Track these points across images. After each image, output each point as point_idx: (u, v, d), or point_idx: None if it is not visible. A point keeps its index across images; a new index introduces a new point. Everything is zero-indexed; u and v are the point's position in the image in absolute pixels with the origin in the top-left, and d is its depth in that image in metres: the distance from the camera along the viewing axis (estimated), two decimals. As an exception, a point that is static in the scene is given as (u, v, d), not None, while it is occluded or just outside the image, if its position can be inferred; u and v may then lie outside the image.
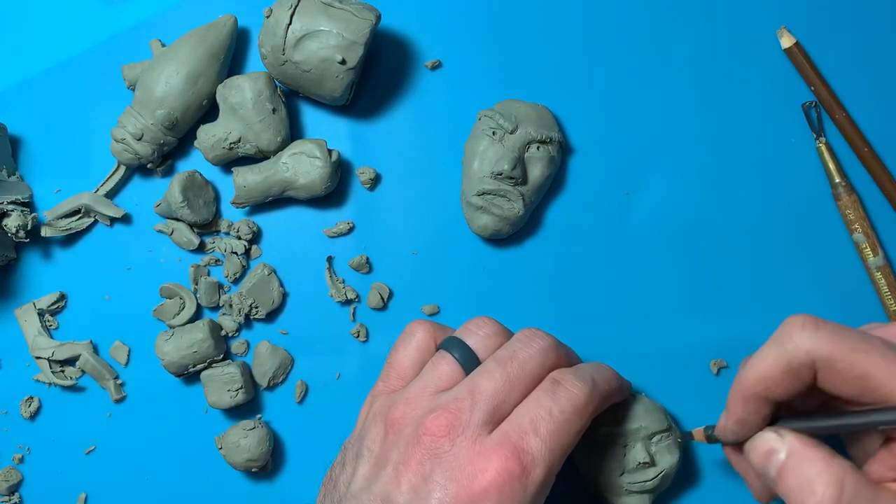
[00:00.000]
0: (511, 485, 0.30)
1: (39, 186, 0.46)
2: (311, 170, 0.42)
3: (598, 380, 0.34)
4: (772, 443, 0.30)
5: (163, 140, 0.43)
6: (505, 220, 0.42)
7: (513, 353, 0.34)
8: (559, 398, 0.32)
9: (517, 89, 0.45)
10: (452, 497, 0.30)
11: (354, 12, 0.40)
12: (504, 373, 0.33)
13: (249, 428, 0.42)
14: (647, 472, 0.38)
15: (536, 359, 0.34)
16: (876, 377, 0.28)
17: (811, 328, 0.29)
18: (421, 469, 0.31)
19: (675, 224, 0.44)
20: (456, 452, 0.31)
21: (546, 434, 0.31)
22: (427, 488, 0.31)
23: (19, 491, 0.45)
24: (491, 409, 0.32)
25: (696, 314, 0.43)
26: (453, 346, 0.35)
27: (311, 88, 0.42)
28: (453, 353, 0.35)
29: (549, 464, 0.31)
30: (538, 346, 0.34)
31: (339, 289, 0.44)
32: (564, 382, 0.33)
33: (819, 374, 0.29)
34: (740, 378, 0.31)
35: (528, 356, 0.34)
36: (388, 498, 0.31)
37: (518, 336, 0.35)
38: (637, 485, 0.38)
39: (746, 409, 0.31)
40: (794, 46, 0.43)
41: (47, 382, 0.45)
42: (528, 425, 0.31)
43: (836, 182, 0.43)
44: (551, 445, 0.31)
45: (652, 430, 0.38)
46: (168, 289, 0.44)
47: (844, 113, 0.43)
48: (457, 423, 0.32)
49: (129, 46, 0.46)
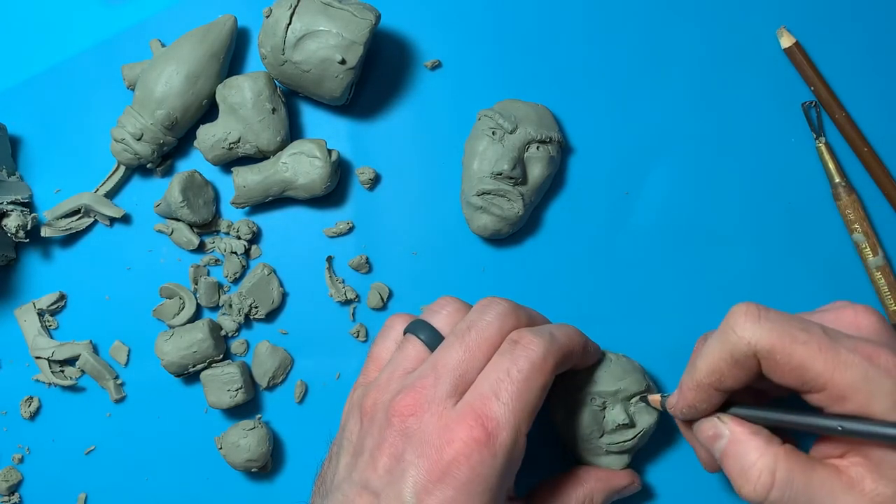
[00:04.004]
0: (479, 451, 0.30)
1: (39, 186, 0.46)
2: (311, 170, 0.42)
3: (556, 334, 0.34)
4: (716, 428, 0.32)
5: (163, 140, 0.43)
6: (505, 220, 0.42)
7: (470, 323, 0.34)
8: (517, 357, 0.33)
9: (517, 89, 0.45)
10: (425, 472, 0.30)
11: (354, 12, 0.40)
12: (462, 343, 0.33)
13: (249, 428, 0.42)
14: (627, 433, 0.38)
15: (493, 325, 0.34)
16: (812, 368, 0.28)
17: (753, 319, 0.29)
18: (393, 450, 0.32)
19: (675, 224, 0.44)
20: (424, 428, 0.31)
21: (507, 397, 0.32)
22: (401, 468, 0.31)
23: (19, 491, 0.45)
24: (454, 381, 0.32)
25: (696, 314, 0.43)
26: (418, 328, 0.36)
27: (310, 88, 0.42)
28: (418, 334, 0.35)
29: (514, 426, 0.31)
30: (494, 312, 0.35)
31: (339, 289, 0.44)
32: (521, 341, 0.33)
33: (762, 364, 0.30)
34: (692, 367, 0.32)
35: (486, 323, 0.34)
36: (367, 483, 0.32)
37: (475, 306, 0.36)
38: (616, 445, 0.38)
39: (697, 397, 0.32)
40: (794, 46, 0.43)
41: (47, 382, 0.45)
42: (488, 391, 0.32)
43: (835, 182, 0.43)
44: (514, 407, 0.31)
45: (631, 391, 0.38)
46: (168, 289, 0.44)
47: (844, 113, 0.43)
48: (422, 400, 0.32)
49: (129, 46, 0.46)
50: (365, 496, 0.31)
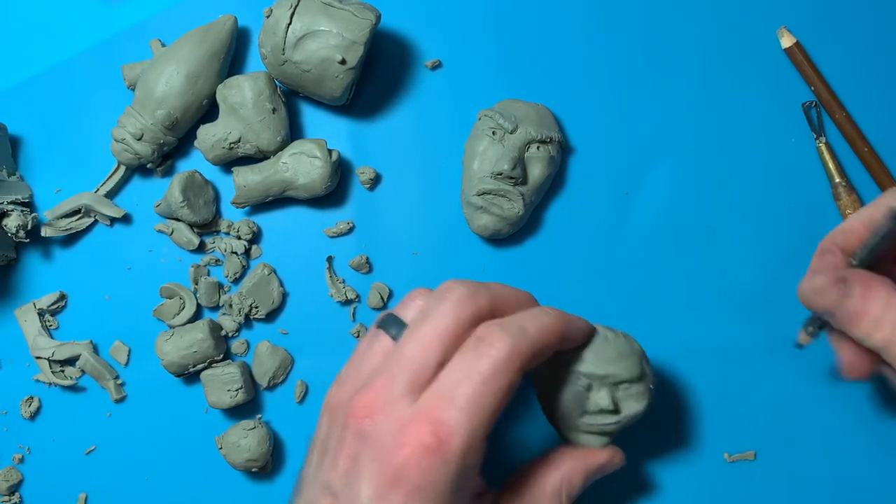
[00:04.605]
0: (428, 459, 0.29)
1: (39, 186, 0.46)
2: (311, 170, 0.42)
3: (528, 328, 0.32)
4: None
5: (163, 140, 0.43)
6: (505, 220, 0.42)
7: (424, 314, 0.33)
8: (479, 357, 0.31)
9: (517, 89, 0.45)
10: (377, 476, 0.30)
11: (354, 12, 0.40)
12: (416, 338, 0.32)
13: (249, 428, 0.42)
14: (608, 418, 0.36)
15: (449, 314, 0.32)
16: None
17: None
18: (351, 452, 0.31)
19: (675, 224, 0.44)
20: (379, 431, 0.30)
21: (464, 402, 0.30)
22: (356, 470, 0.31)
23: (19, 491, 0.45)
24: (410, 378, 0.31)
25: (696, 314, 0.43)
26: (386, 322, 0.34)
27: (311, 88, 0.42)
28: (387, 329, 0.34)
29: (469, 432, 0.30)
30: (450, 300, 0.32)
31: (339, 289, 0.44)
32: (487, 337, 0.31)
33: None
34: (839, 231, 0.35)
35: (440, 313, 0.32)
36: (328, 485, 0.31)
37: (433, 293, 0.34)
38: (597, 426, 0.36)
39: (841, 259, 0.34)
40: (794, 46, 0.43)
41: (47, 382, 0.45)
42: (445, 394, 0.30)
43: (836, 182, 0.43)
44: (470, 412, 0.30)
45: (621, 377, 0.35)
46: (168, 289, 0.44)
47: (844, 113, 0.43)
48: (377, 400, 0.31)
49: (129, 46, 0.46)
50: (327, 497, 0.31)
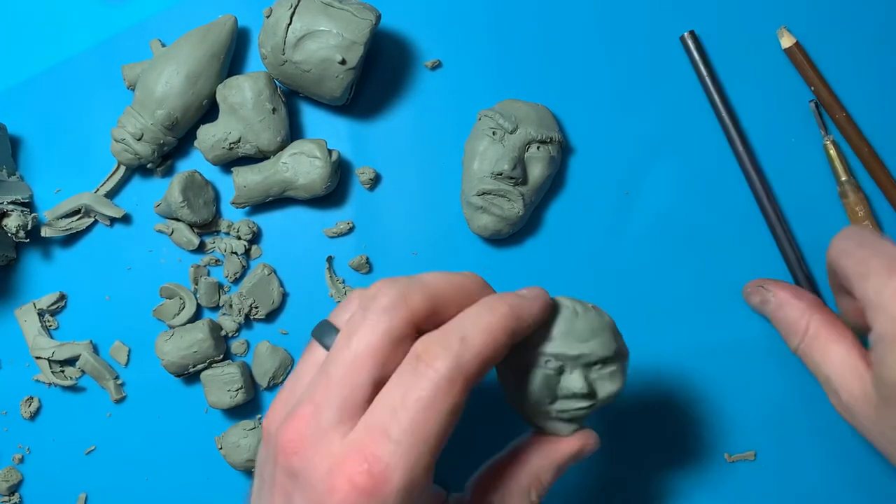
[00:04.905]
0: (364, 502, 0.26)
1: (39, 186, 0.46)
2: (311, 170, 0.42)
3: (472, 337, 0.28)
4: None
5: (163, 140, 0.43)
6: (505, 220, 0.42)
7: (351, 328, 0.29)
8: (417, 379, 0.27)
9: (517, 89, 0.45)
10: None
11: (354, 12, 0.40)
12: (343, 357, 0.28)
13: (249, 428, 0.42)
14: (582, 402, 0.32)
15: (377, 327, 0.28)
16: None
17: None
18: (283, 491, 0.28)
19: (676, 224, 0.44)
20: (309, 469, 0.27)
21: (400, 433, 0.26)
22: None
23: (19, 491, 0.45)
24: (339, 406, 0.28)
25: (696, 314, 0.43)
26: (320, 331, 0.31)
27: (311, 88, 0.42)
28: (321, 339, 0.31)
29: (408, 468, 0.26)
30: (377, 309, 0.28)
31: (339, 289, 0.44)
32: (424, 356, 0.27)
33: None
34: None
35: (367, 327, 0.28)
36: None
37: (362, 298, 0.29)
38: (569, 412, 0.32)
39: None
40: (794, 46, 0.43)
41: (47, 382, 0.45)
42: (379, 424, 0.27)
43: (843, 180, 0.42)
44: (409, 445, 0.26)
45: (597, 355, 0.32)
46: (168, 289, 0.44)
47: (844, 113, 0.43)
48: (304, 433, 0.28)
49: (129, 46, 0.46)
50: None
